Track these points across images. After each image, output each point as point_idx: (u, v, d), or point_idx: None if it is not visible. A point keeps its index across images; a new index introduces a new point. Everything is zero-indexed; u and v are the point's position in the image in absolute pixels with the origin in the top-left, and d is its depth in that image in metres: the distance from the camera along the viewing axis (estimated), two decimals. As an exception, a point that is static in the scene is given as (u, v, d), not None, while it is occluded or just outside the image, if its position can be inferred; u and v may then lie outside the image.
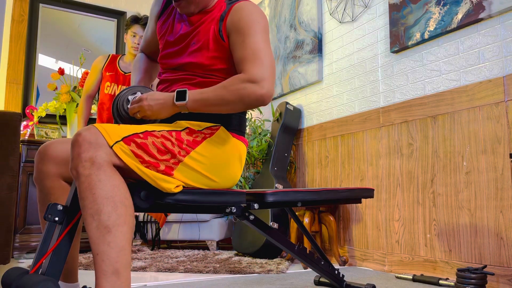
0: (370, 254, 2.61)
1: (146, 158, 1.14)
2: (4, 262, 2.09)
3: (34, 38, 3.81)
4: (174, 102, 1.27)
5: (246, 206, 1.38)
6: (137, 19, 3.00)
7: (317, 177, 3.15)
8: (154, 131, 1.20)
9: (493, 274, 1.78)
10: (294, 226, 2.87)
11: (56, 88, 3.64)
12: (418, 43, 2.37)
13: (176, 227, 3.47)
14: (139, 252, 3.20)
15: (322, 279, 1.96)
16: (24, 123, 3.58)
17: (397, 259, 2.42)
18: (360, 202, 1.63)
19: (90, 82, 3.04)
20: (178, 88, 1.38)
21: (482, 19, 2.05)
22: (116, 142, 1.10)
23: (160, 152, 1.18)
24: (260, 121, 3.69)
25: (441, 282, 2.02)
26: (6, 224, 2.09)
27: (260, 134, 3.46)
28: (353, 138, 2.82)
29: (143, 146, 1.15)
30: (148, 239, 3.49)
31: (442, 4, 2.23)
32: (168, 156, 1.19)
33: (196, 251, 3.25)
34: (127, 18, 3.04)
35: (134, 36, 2.98)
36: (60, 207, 1.12)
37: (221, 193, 1.28)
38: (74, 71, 3.95)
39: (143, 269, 2.52)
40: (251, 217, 1.41)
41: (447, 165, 2.18)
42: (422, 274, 2.13)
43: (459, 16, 2.13)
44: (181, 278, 2.27)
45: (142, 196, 1.16)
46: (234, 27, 1.33)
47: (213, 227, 3.42)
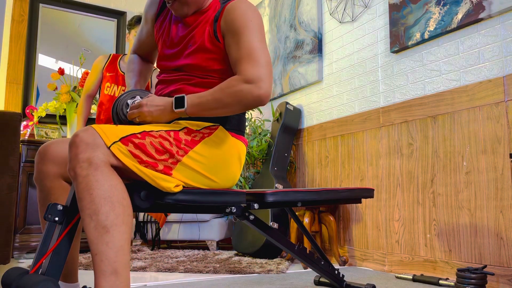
0: (370, 254, 2.61)
1: (144, 158, 1.14)
2: (4, 262, 2.09)
3: (34, 38, 3.81)
4: (173, 109, 1.27)
5: (246, 206, 1.38)
6: (141, 20, 2.99)
7: (317, 177, 3.15)
8: (152, 131, 1.20)
9: (493, 274, 1.78)
10: (294, 226, 2.87)
11: (56, 88, 3.64)
12: (418, 43, 2.37)
13: (176, 227, 3.47)
14: (139, 252, 3.20)
15: (322, 279, 1.96)
16: (24, 123, 3.58)
17: (397, 259, 2.42)
18: (360, 202, 1.63)
19: (91, 82, 3.03)
20: (175, 87, 1.38)
21: (482, 19, 2.05)
22: (113, 142, 1.09)
23: (158, 152, 1.17)
24: (260, 121, 3.69)
25: (441, 282, 2.02)
26: (6, 224, 2.09)
27: (260, 134, 3.46)
28: (353, 138, 2.82)
29: (141, 146, 1.14)
30: (148, 239, 3.49)
31: (442, 4, 2.23)
32: (166, 156, 1.19)
33: (196, 251, 3.25)
34: (131, 18, 3.02)
35: None
36: (60, 207, 1.12)
37: (221, 193, 1.28)
38: (74, 71, 3.95)
39: (143, 269, 2.52)
40: (251, 217, 1.41)
41: (447, 165, 2.18)
42: (422, 274, 2.13)
43: (459, 16, 2.13)
44: (181, 278, 2.27)
45: (142, 196, 1.16)
46: (228, 28, 1.32)
47: (213, 227, 3.42)
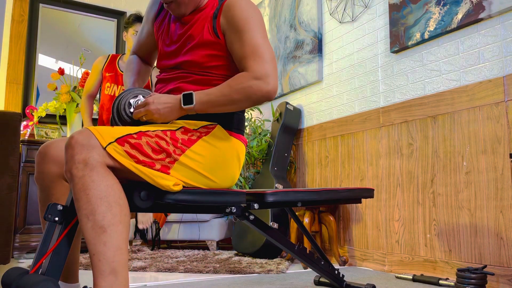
0: (370, 254, 2.61)
1: (141, 158, 1.14)
2: (4, 262, 2.09)
3: (34, 38, 3.81)
4: (182, 106, 1.27)
5: (246, 206, 1.38)
6: (139, 18, 2.99)
7: (317, 177, 3.15)
8: (148, 131, 1.20)
9: (493, 274, 1.78)
10: (294, 226, 2.87)
11: (56, 88, 3.64)
12: (418, 43, 2.37)
13: (176, 227, 3.47)
14: (139, 252, 3.20)
15: (322, 279, 1.96)
16: (24, 123, 3.58)
17: (397, 259, 2.42)
18: (360, 202, 1.63)
19: (91, 82, 3.04)
20: (173, 86, 1.38)
21: (482, 19, 2.05)
22: (109, 143, 1.09)
23: (154, 151, 1.17)
24: (260, 121, 3.69)
25: (441, 282, 2.02)
26: (6, 224, 2.09)
27: (260, 134, 3.46)
28: (353, 138, 2.82)
29: (137, 146, 1.14)
30: (148, 239, 3.49)
31: (442, 4, 2.23)
32: (163, 155, 1.19)
33: (196, 251, 3.25)
34: (128, 17, 3.02)
35: (135, 35, 2.97)
36: (60, 207, 1.12)
37: (221, 193, 1.28)
38: (74, 71, 3.95)
39: (143, 269, 2.52)
40: (251, 217, 1.41)
41: (447, 165, 2.18)
42: (422, 274, 2.13)
43: (459, 16, 2.13)
44: (181, 278, 2.27)
45: (142, 196, 1.16)
46: (229, 25, 1.33)
47: (213, 227, 3.42)
